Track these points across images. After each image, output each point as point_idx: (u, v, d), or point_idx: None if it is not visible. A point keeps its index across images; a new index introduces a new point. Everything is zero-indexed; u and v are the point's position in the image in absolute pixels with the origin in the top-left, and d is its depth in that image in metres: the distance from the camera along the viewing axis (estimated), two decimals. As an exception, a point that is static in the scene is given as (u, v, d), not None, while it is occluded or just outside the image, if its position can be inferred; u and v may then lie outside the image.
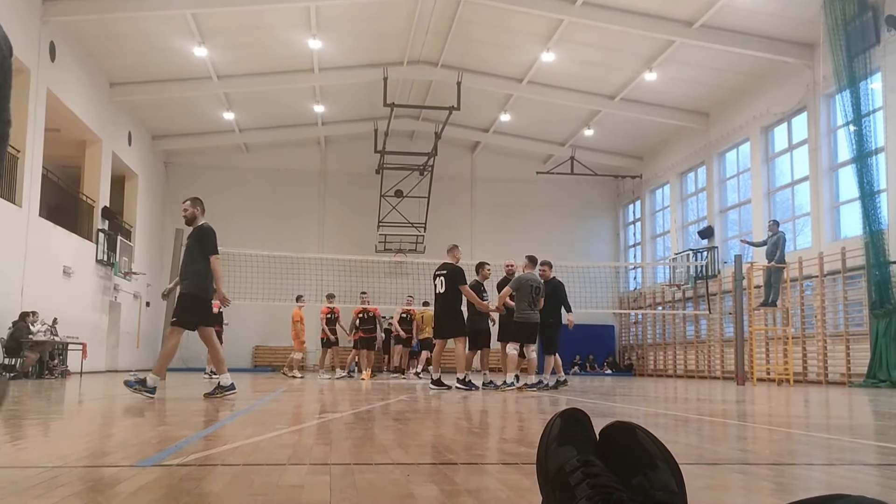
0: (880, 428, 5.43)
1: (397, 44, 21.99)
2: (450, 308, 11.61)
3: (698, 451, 3.60)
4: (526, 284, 11.28)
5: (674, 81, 21.78)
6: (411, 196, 27.42)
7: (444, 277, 11.56)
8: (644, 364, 27.76)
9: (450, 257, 11.86)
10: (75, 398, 8.54)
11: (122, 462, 2.93)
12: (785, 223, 19.72)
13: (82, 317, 19.77)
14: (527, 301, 11.20)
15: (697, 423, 5.41)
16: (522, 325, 11.24)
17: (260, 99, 24.67)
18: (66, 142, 20.58)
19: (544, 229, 29.26)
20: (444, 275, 11.62)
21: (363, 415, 5.77)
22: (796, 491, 2.50)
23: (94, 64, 20.35)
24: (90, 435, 4.23)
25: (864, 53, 16.11)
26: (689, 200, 26.10)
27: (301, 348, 18.46)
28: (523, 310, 11.19)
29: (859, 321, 17.05)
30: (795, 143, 19.95)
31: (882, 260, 15.57)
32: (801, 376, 18.33)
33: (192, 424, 4.84)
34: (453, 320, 11.63)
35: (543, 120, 26.29)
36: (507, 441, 4.03)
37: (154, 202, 27.04)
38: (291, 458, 3.06)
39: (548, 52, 20.65)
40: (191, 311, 8.20)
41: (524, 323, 11.22)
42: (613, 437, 1.28)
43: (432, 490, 2.32)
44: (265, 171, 28.67)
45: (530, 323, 11.26)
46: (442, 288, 11.57)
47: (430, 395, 9.34)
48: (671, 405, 7.81)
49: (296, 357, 18.40)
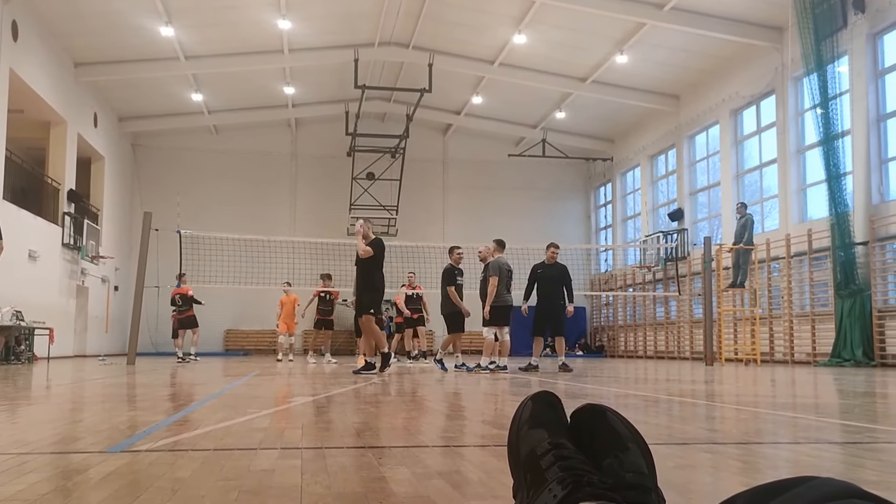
0: (844, 406, 5.53)
1: (368, 25, 21.81)
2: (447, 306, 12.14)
3: (668, 432, 3.65)
4: (504, 269, 11.40)
5: (645, 64, 21.87)
6: (383, 179, 27.32)
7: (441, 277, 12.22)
8: (615, 345, 28.03)
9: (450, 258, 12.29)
10: (43, 383, 8.44)
11: (91, 448, 2.90)
12: (753, 205, 19.95)
13: (49, 301, 19.50)
14: (504, 285, 11.31)
15: (667, 404, 5.47)
16: (499, 309, 11.32)
17: (229, 80, 24.37)
18: (30, 123, 20.19)
19: (516, 211, 29.34)
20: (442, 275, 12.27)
21: (336, 398, 5.77)
22: (763, 469, 2.54)
23: (59, 43, 19.95)
24: (58, 421, 4.18)
25: (832, 37, 16.28)
26: (659, 183, 26.29)
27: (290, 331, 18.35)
28: (500, 293, 11.27)
29: (824, 302, 17.35)
30: (764, 126, 20.16)
31: (847, 241, 15.82)
32: (768, 356, 18.63)
33: (163, 409, 4.80)
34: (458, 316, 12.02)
35: (515, 102, 26.29)
36: (480, 423, 4.05)
37: (122, 185, 26.66)
38: (262, 443, 3.04)
39: (520, 33, 20.62)
40: None
41: (501, 307, 11.30)
42: (584, 419, 1.28)
43: (404, 473, 2.32)
44: (235, 153, 28.38)
45: (506, 306, 11.36)
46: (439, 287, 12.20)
47: (404, 379, 9.35)
48: (641, 386, 7.89)
49: (290, 341, 18.43)
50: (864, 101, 16.05)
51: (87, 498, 1.96)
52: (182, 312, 17.95)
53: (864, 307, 15.61)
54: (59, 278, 20.80)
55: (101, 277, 24.31)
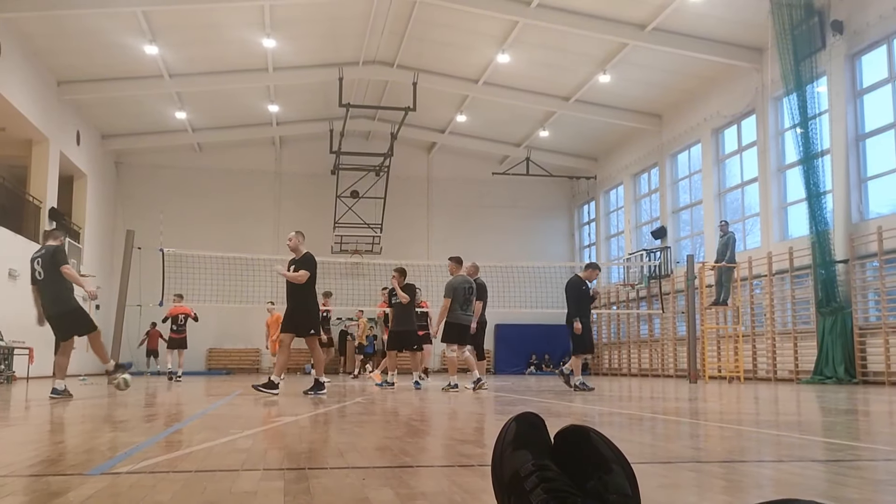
0: (827, 424, 5.56)
1: (353, 43, 21.89)
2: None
3: (652, 450, 3.65)
4: (459, 288, 11.33)
5: (627, 83, 22.06)
6: (367, 197, 27.32)
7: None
8: (599, 363, 28.05)
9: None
10: (22, 404, 8.33)
11: (71, 470, 2.86)
12: (735, 223, 20.10)
13: (29, 321, 19.18)
14: (458, 303, 11.26)
15: (651, 422, 5.48)
16: (452, 326, 11.29)
17: (213, 98, 24.35)
18: (11, 141, 20.06)
19: (500, 229, 29.43)
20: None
21: (319, 418, 5.73)
22: (747, 488, 2.54)
23: (41, 61, 19.87)
24: (38, 442, 4.12)
25: (811, 57, 16.50)
26: (642, 201, 26.45)
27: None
28: (454, 310, 11.24)
29: (806, 319, 17.46)
30: (745, 145, 20.35)
31: (828, 259, 15.96)
32: (751, 373, 18.70)
33: (144, 430, 4.75)
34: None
35: (499, 121, 26.42)
36: (463, 443, 4.03)
37: (104, 203, 26.50)
38: (245, 464, 3.02)
39: (503, 53, 20.76)
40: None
41: (454, 324, 11.27)
42: (568, 440, 1.28)
43: (388, 494, 2.31)
44: (219, 171, 28.30)
45: (459, 325, 11.28)
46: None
47: (388, 398, 9.30)
48: (625, 404, 7.90)
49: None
50: (843, 120, 16.25)
51: (66, 522, 1.93)
52: (179, 332, 17.78)
53: (845, 325, 15.72)
54: (40, 297, 20.55)
55: (81, 296, 24.03)
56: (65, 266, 8.93)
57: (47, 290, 8.92)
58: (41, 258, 9.00)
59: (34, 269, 9.03)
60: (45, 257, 8.97)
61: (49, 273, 8.87)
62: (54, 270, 8.83)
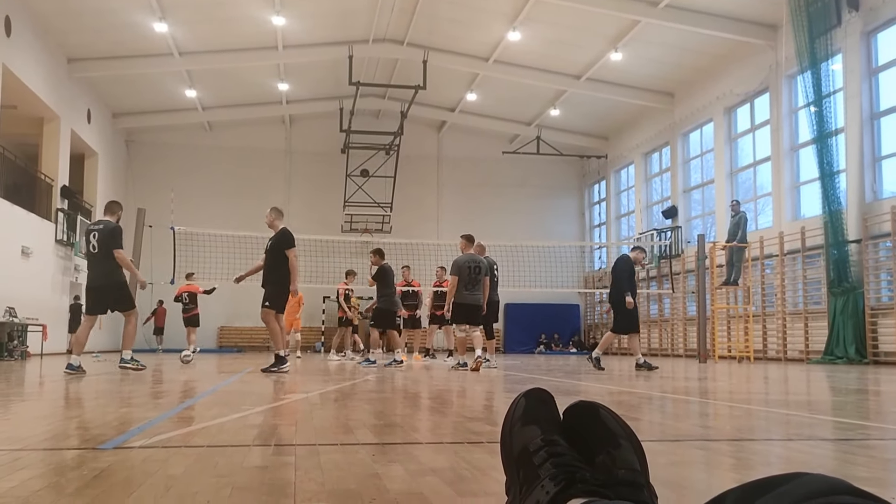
0: (837, 403, 5.55)
1: (362, 21, 21.78)
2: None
3: (661, 428, 3.65)
4: (464, 266, 11.20)
5: (639, 61, 21.89)
6: (377, 176, 27.30)
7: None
8: (608, 342, 28.03)
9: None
10: (36, 380, 8.42)
11: (85, 444, 2.89)
12: (747, 203, 20.00)
13: (42, 298, 19.45)
14: (464, 283, 11.16)
15: (660, 401, 5.49)
16: (459, 307, 11.23)
17: (223, 76, 24.31)
18: (23, 119, 20.12)
19: (510, 209, 29.38)
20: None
21: (329, 395, 5.77)
22: (756, 466, 2.54)
23: (52, 39, 19.87)
24: (51, 417, 4.17)
25: (826, 35, 16.32)
26: (653, 180, 26.33)
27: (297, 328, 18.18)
28: (460, 291, 11.16)
29: (818, 299, 17.40)
30: (758, 124, 20.20)
31: (840, 239, 15.87)
32: (761, 353, 18.68)
33: (156, 406, 4.79)
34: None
35: (510, 99, 26.29)
36: (473, 420, 4.05)
37: (115, 181, 26.59)
38: (256, 439, 3.04)
39: (514, 30, 20.62)
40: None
41: (460, 304, 11.21)
42: (577, 416, 1.29)
43: (397, 470, 2.32)
44: (229, 149, 28.33)
45: (466, 305, 11.20)
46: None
47: (398, 376, 9.35)
48: (635, 383, 7.91)
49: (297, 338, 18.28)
50: (858, 98, 16.09)
51: (80, 495, 1.95)
52: (189, 311, 17.84)
53: (856, 305, 15.67)
54: (53, 275, 20.74)
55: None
56: (119, 251, 9.12)
57: (99, 263, 9.07)
58: (98, 232, 9.14)
59: (89, 241, 9.18)
60: (102, 232, 9.12)
61: (103, 248, 9.05)
62: (109, 247, 9.01)
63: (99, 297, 9.15)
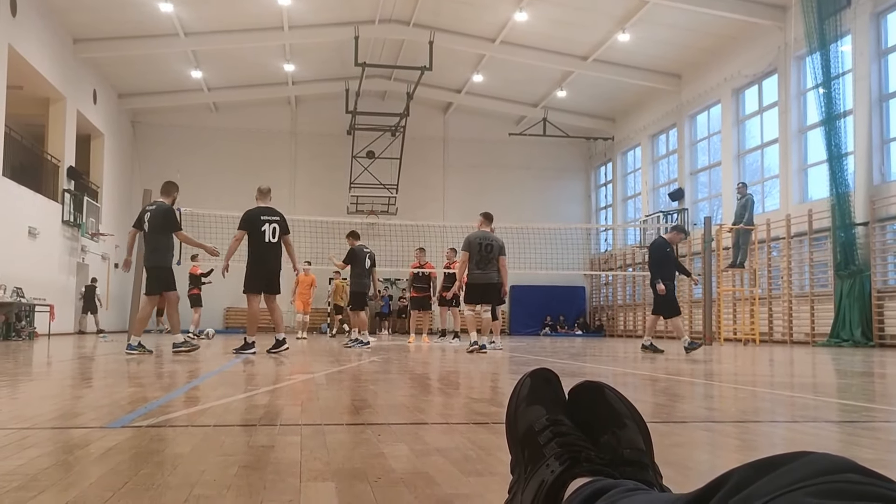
0: (842, 386, 5.55)
1: (369, 1, 21.67)
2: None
3: (666, 410, 3.66)
4: (475, 243, 10.95)
5: (646, 42, 21.73)
6: (383, 157, 27.25)
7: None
8: (614, 325, 28.09)
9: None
10: (43, 360, 8.47)
11: (92, 423, 2.91)
12: (754, 185, 19.91)
13: (49, 278, 19.52)
14: (474, 261, 10.95)
15: (666, 383, 5.49)
16: (472, 287, 11.11)
17: (228, 57, 24.24)
18: (29, 99, 20.11)
19: (516, 190, 29.32)
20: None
21: (334, 376, 5.79)
22: (760, 447, 2.55)
23: (57, 19, 19.82)
24: (59, 396, 4.19)
25: (835, 16, 16.18)
26: (660, 162, 26.23)
27: (306, 310, 18.38)
28: (471, 270, 10.98)
29: (824, 282, 17.36)
30: (766, 106, 20.07)
31: (847, 222, 15.82)
32: (766, 336, 18.68)
33: (163, 386, 4.82)
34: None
35: (516, 81, 26.16)
36: (478, 401, 4.07)
37: (122, 162, 26.60)
38: (262, 419, 3.06)
39: (521, 11, 20.48)
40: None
41: (474, 285, 11.08)
42: (582, 396, 1.29)
43: (403, 449, 2.33)
44: (235, 130, 28.30)
45: (479, 284, 11.01)
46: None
47: (404, 357, 9.38)
48: (640, 365, 7.92)
49: (305, 319, 18.43)
50: (867, 80, 15.97)
51: (88, 472, 1.97)
52: (189, 290, 18.03)
53: (863, 288, 15.63)
54: (60, 255, 20.81)
55: (101, 254, 24.32)
56: (180, 232, 9.37)
57: (149, 243, 9.26)
58: (152, 212, 9.29)
59: (143, 221, 9.34)
60: (156, 213, 9.25)
61: (154, 228, 9.20)
62: (161, 227, 9.19)
63: (149, 276, 9.29)
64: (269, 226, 9.65)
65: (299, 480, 1.88)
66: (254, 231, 9.67)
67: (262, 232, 9.64)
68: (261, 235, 9.63)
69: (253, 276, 9.80)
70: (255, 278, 9.78)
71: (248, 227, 9.70)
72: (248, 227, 9.71)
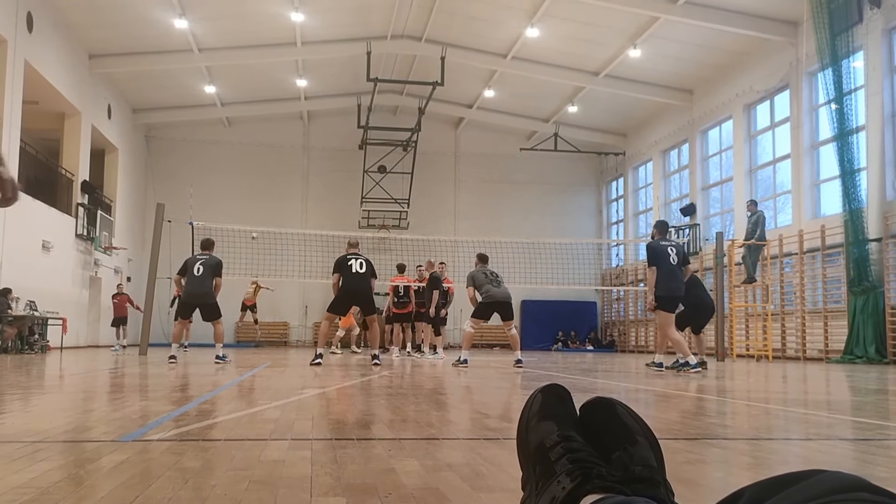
0: (857, 403, 5.51)
1: (381, 17, 21.80)
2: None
3: (678, 426, 3.64)
4: (479, 275, 11.46)
5: (658, 58, 21.76)
6: (395, 172, 27.34)
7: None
8: (626, 340, 27.97)
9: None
10: (56, 373, 8.50)
11: (104, 437, 2.92)
12: (766, 201, 19.84)
13: (62, 291, 19.64)
14: (489, 282, 11.31)
15: (678, 399, 5.46)
16: (486, 305, 11.35)
17: (242, 72, 24.42)
18: (44, 114, 20.31)
19: (528, 205, 29.34)
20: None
21: (346, 390, 5.79)
22: (774, 465, 2.53)
23: (73, 35, 20.04)
24: (71, 410, 4.21)
25: (847, 32, 16.16)
26: (671, 178, 26.19)
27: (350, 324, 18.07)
28: (488, 290, 11.28)
29: (837, 298, 17.24)
30: (778, 121, 20.03)
31: (861, 238, 15.73)
32: (779, 352, 18.55)
33: (175, 400, 4.83)
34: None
35: (528, 96, 26.22)
36: (489, 417, 4.05)
37: (135, 176, 26.79)
38: (273, 434, 3.06)
39: (532, 27, 20.56)
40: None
41: (489, 302, 11.32)
42: (594, 412, 1.29)
43: (413, 465, 2.33)
44: (247, 145, 28.47)
45: (497, 301, 11.31)
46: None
47: (415, 372, 9.36)
48: (652, 381, 7.88)
49: (353, 333, 18.35)
50: (879, 96, 15.92)
51: (99, 486, 1.98)
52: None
53: (877, 304, 15.52)
54: (73, 269, 20.93)
55: (114, 268, 24.45)
56: (219, 279, 11.74)
57: (202, 284, 11.58)
58: (205, 261, 11.69)
59: (196, 266, 11.61)
60: (209, 262, 11.69)
61: (205, 274, 11.61)
62: (211, 274, 11.62)
63: (204, 309, 11.72)
64: (355, 260, 11.03)
65: (310, 495, 1.88)
66: (345, 270, 10.95)
67: (349, 265, 10.98)
68: (349, 268, 10.96)
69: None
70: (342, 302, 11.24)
71: (339, 269, 11.02)
72: (339, 269, 11.02)
